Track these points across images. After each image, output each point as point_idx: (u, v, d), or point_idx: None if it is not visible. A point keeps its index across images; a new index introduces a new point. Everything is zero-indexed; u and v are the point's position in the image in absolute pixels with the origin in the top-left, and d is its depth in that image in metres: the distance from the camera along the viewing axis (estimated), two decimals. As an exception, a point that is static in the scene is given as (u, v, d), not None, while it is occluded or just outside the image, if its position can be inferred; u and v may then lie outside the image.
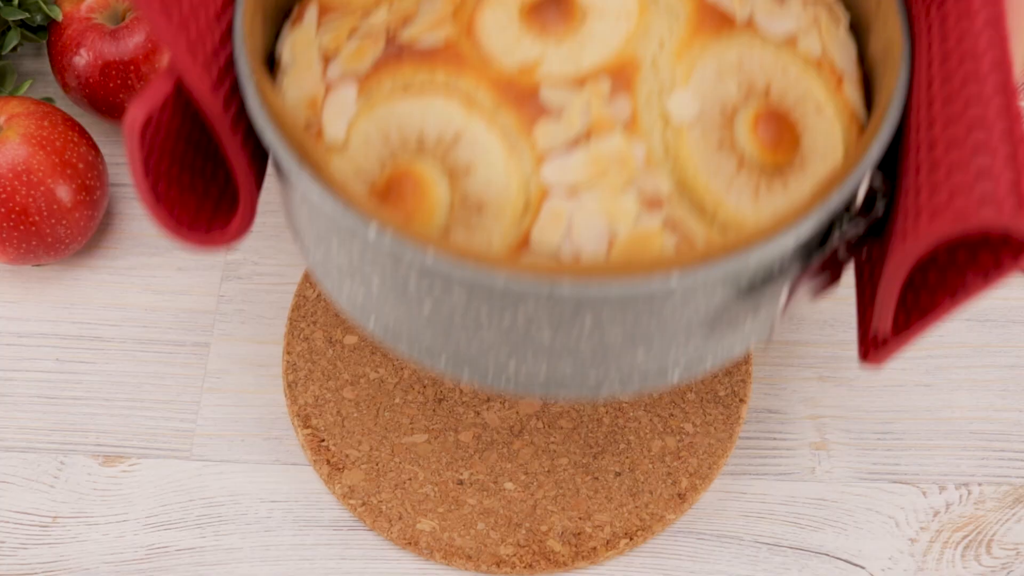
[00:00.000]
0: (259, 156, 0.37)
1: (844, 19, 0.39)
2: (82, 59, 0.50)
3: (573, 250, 0.32)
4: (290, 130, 0.33)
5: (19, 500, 0.45)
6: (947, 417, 0.48)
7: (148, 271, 0.51)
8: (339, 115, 0.35)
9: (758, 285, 0.33)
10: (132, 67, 0.50)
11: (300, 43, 0.37)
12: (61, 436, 0.47)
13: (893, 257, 0.31)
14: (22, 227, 0.47)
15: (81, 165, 0.48)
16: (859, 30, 0.39)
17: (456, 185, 0.33)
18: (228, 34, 0.35)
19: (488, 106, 0.34)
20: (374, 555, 0.45)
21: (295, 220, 0.37)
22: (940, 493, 0.46)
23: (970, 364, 0.49)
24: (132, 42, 0.50)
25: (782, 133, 0.34)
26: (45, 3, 0.51)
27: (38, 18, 0.52)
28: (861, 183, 0.33)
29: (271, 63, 0.39)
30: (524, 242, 0.32)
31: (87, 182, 0.48)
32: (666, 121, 0.34)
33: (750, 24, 0.36)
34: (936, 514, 0.46)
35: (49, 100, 0.52)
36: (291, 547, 0.45)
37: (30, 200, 0.46)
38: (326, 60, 0.36)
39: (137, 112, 0.31)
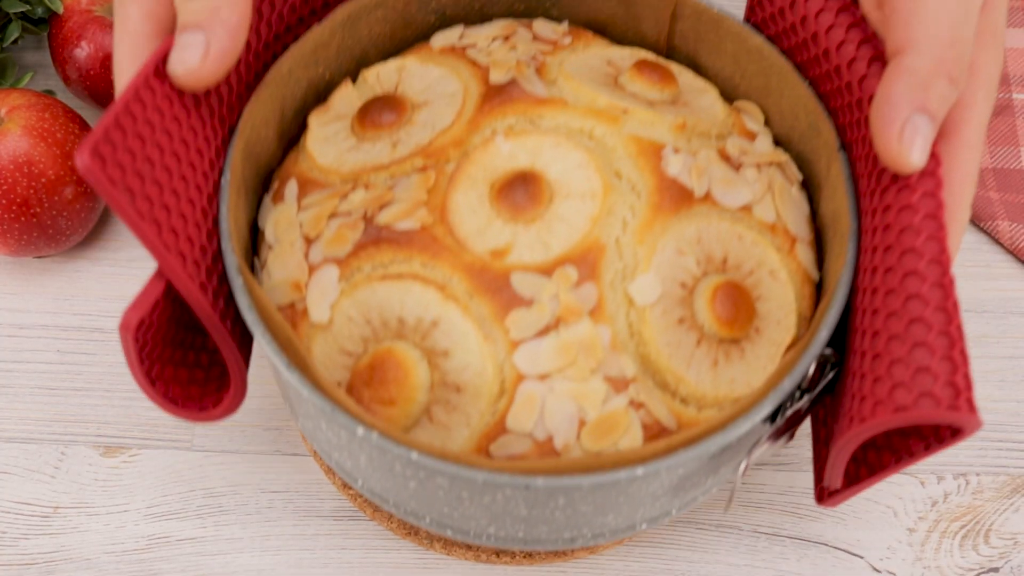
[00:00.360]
0: (247, 338, 0.39)
1: (797, 178, 0.42)
2: (83, 51, 0.50)
3: (546, 433, 0.35)
4: (278, 328, 0.35)
5: (20, 490, 0.45)
6: (945, 408, 0.48)
7: (149, 263, 0.51)
8: (322, 298, 0.37)
9: (718, 456, 0.35)
10: (133, 59, 0.50)
11: (282, 222, 0.39)
12: (62, 427, 0.47)
13: (839, 439, 0.34)
14: (23, 219, 0.47)
15: (82, 157, 0.48)
16: (811, 188, 0.42)
17: (435, 366, 0.36)
18: (214, 229, 0.37)
19: (463, 294, 0.36)
20: (375, 545, 0.45)
21: (285, 393, 0.39)
22: (938, 483, 0.46)
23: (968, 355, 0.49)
24: (133, 34, 0.50)
25: (739, 306, 0.37)
26: (46, -4, 0.51)
27: (39, 10, 0.52)
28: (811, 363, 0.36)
29: (254, 228, 0.41)
30: (500, 424, 0.35)
31: (88, 174, 0.48)
32: (630, 302, 0.36)
33: (707, 197, 0.38)
34: (934, 504, 0.46)
35: (50, 93, 0.52)
36: (292, 537, 0.45)
37: (31, 192, 0.46)
38: (308, 241, 0.38)
39: (131, 317, 0.34)
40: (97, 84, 0.51)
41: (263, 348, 0.35)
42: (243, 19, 0.36)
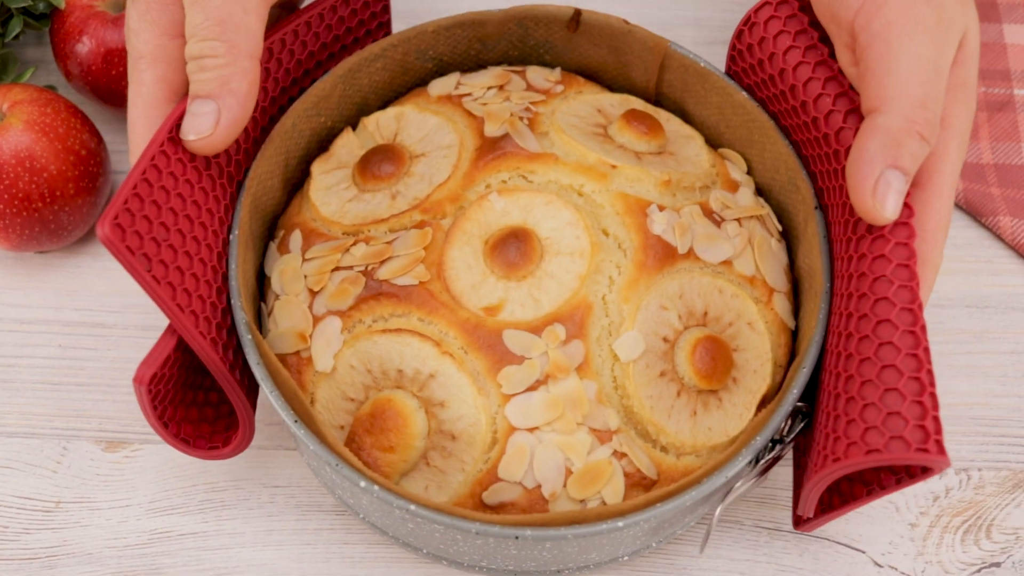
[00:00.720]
0: (254, 385, 0.41)
1: (777, 229, 0.44)
2: (85, 47, 0.50)
3: (535, 481, 0.37)
4: (284, 382, 0.37)
5: (23, 485, 0.45)
6: (947, 403, 0.48)
7: (150, 258, 0.51)
8: (326, 347, 0.39)
9: (694, 503, 0.37)
10: (134, 55, 0.50)
11: (288, 273, 0.41)
12: (64, 422, 0.47)
13: (814, 476, 0.36)
14: (25, 213, 0.47)
15: (84, 152, 0.48)
16: (790, 238, 0.44)
17: (432, 415, 0.38)
18: (224, 285, 0.39)
19: (458, 349, 0.38)
20: (376, 540, 0.45)
21: (293, 435, 0.40)
22: (940, 478, 0.46)
23: (970, 351, 0.49)
24: (134, 30, 0.50)
25: (717, 360, 0.39)
26: (48, -9, 0.51)
27: (41, 6, 0.52)
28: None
29: (260, 272, 0.43)
30: (493, 472, 0.38)
31: (89, 169, 0.48)
32: (615, 358, 0.38)
33: (690, 253, 0.40)
34: (936, 499, 0.46)
35: (52, 88, 0.52)
36: (293, 532, 0.45)
37: (33, 187, 0.46)
38: (312, 294, 0.40)
39: (144, 372, 0.36)
40: (98, 79, 0.51)
41: (272, 402, 0.37)
42: (252, 87, 0.38)
